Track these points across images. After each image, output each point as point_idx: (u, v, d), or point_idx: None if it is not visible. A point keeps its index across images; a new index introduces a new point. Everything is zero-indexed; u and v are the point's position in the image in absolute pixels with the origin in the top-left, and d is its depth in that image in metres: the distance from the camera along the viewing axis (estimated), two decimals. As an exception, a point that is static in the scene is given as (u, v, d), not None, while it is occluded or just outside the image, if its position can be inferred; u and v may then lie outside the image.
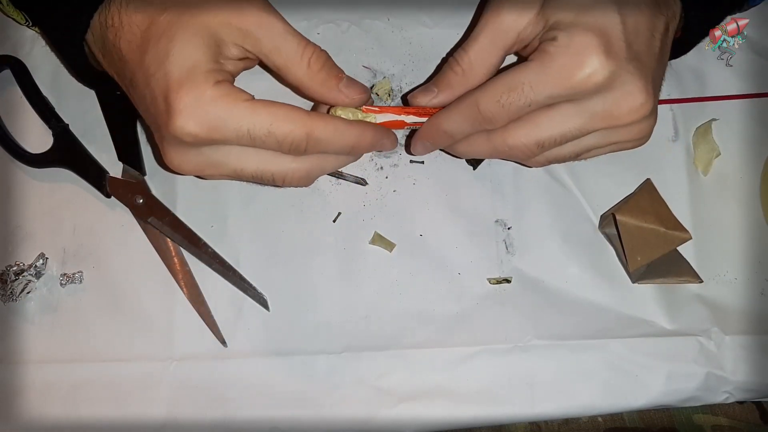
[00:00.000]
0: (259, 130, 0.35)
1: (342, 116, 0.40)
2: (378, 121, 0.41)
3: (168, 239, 0.47)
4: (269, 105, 0.36)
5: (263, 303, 0.46)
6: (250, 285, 0.46)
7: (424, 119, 0.42)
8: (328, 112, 0.40)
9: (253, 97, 0.36)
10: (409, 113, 0.42)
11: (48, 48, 0.49)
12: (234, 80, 0.38)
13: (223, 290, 0.47)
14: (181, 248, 0.47)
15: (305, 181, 0.39)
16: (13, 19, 0.45)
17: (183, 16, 0.36)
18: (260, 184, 0.41)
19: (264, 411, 0.45)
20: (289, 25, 0.37)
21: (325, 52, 0.38)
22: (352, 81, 0.39)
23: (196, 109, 0.34)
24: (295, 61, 0.37)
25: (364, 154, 0.48)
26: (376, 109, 0.41)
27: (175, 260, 0.47)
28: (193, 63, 0.35)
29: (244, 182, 0.47)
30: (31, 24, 0.45)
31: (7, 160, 0.48)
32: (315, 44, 0.38)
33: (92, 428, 0.45)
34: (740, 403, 0.48)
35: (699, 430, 0.48)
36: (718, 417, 0.48)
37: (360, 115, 0.41)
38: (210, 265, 0.46)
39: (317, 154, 0.38)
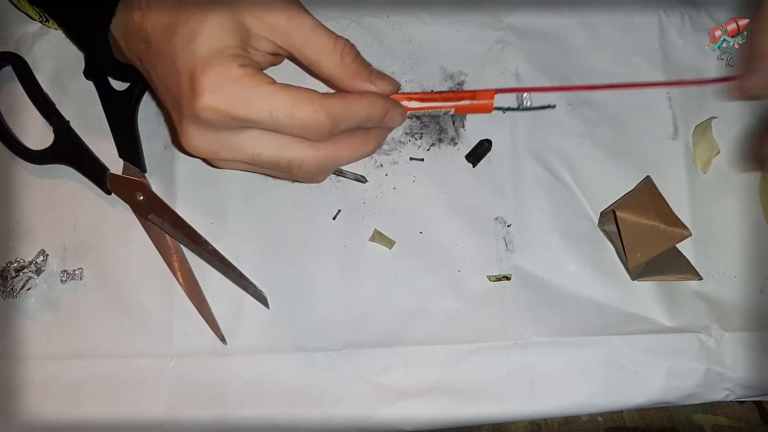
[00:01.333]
0: (281, 111, 0.35)
1: None
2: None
3: (168, 236, 0.47)
4: (291, 88, 0.36)
5: (263, 300, 0.46)
6: (250, 282, 0.46)
7: (447, 104, 0.41)
8: None
9: (275, 81, 0.36)
10: (436, 98, 0.42)
11: (50, 45, 0.49)
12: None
13: (223, 288, 0.47)
14: (181, 245, 0.47)
15: (320, 169, 0.39)
16: (26, 13, 0.46)
17: (215, 3, 0.36)
18: (273, 175, 0.40)
19: (263, 408, 0.45)
20: (318, 20, 0.38)
21: (353, 44, 0.39)
22: (381, 73, 0.40)
23: (220, 87, 0.34)
24: (328, 54, 0.37)
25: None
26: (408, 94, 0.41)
27: (175, 257, 0.47)
28: (222, 45, 0.35)
29: (250, 176, 0.48)
30: (45, 20, 0.45)
31: (8, 157, 0.48)
32: (344, 38, 0.38)
33: (92, 424, 0.45)
34: (740, 402, 0.48)
35: (699, 429, 0.48)
36: (718, 417, 0.48)
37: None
38: (210, 263, 0.47)
39: (334, 141, 0.38)
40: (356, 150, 0.40)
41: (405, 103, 0.41)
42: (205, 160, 0.42)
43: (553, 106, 0.47)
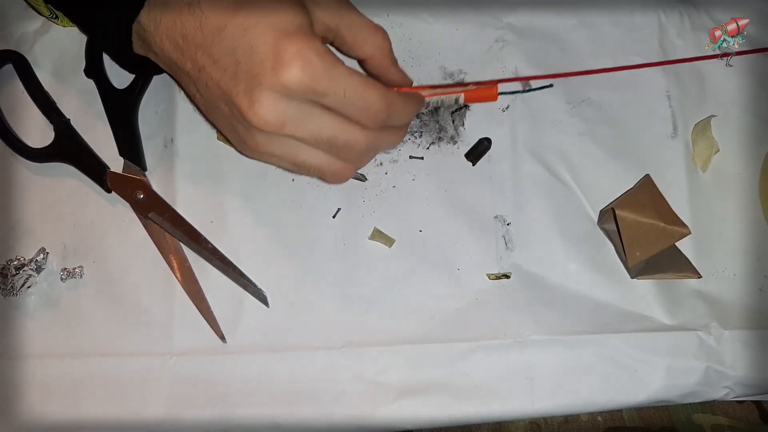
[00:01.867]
0: (354, 91, 0.37)
1: None
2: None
3: (168, 235, 0.47)
4: (361, 73, 0.38)
5: (263, 299, 0.46)
6: (250, 281, 0.46)
7: (456, 89, 0.45)
8: None
9: None
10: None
11: (50, 43, 0.49)
12: None
13: (222, 287, 0.47)
14: (181, 244, 0.47)
15: (365, 155, 0.41)
16: (35, 9, 0.46)
17: None
18: (302, 170, 0.41)
19: (263, 407, 0.45)
20: None
21: None
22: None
23: (309, 58, 0.35)
24: (372, 37, 0.41)
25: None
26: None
27: (175, 256, 0.47)
28: (301, 21, 0.37)
29: (250, 175, 0.48)
30: (54, 16, 0.45)
31: (8, 155, 0.48)
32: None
33: (92, 422, 0.45)
34: (740, 402, 0.48)
35: (699, 429, 0.48)
36: (718, 416, 0.48)
37: None
38: (210, 261, 0.47)
39: (380, 129, 0.40)
40: (392, 141, 0.42)
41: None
42: (242, 153, 0.42)
43: (551, 85, 0.49)
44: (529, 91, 0.48)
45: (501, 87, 0.46)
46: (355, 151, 0.39)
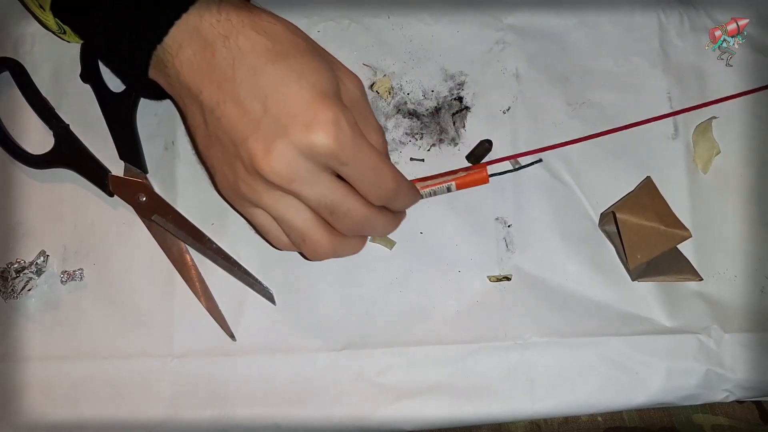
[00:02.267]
0: (369, 166, 0.37)
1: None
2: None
3: (172, 236, 0.47)
4: (378, 150, 0.38)
5: (269, 297, 0.46)
6: (256, 279, 0.46)
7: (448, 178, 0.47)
8: None
9: None
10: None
11: (48, 47, 0.49)
12: None
13: (223, 287, 0.47)
14: (185, 245, 0.47)
15: (356, 229, 0.40)
16: (44, 24, 0.45)
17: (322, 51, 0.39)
18: (281, 242, 0.41)
19: (264, 408, 0.45)
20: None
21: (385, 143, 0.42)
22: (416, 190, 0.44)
23: (341, 126, 0.35)
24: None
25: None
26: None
27: (181, 257, 0.47)
28: (336, 88, 0.37)
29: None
30: (62, 31, 0.45)
31: (8, 160, 0.48)
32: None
33: (93, 425, 0.45)
34: (740, 402, 0.48)
35: (699, 429, 0.48)
36: (718, 417, 0.48)
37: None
38: (215, 261, 0.47)
39: (379, 209, 0.40)
40: (383, 226, 0.42)
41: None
42: (223, 193, 0.41)
43: (540, 161, 0.49)
44: (518, 169, 0.48)
45: (491, 168, 0.47)
46: (351, 222, 0.39)
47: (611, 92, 0.50)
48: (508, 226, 0.48)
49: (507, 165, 0.49)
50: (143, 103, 0.49)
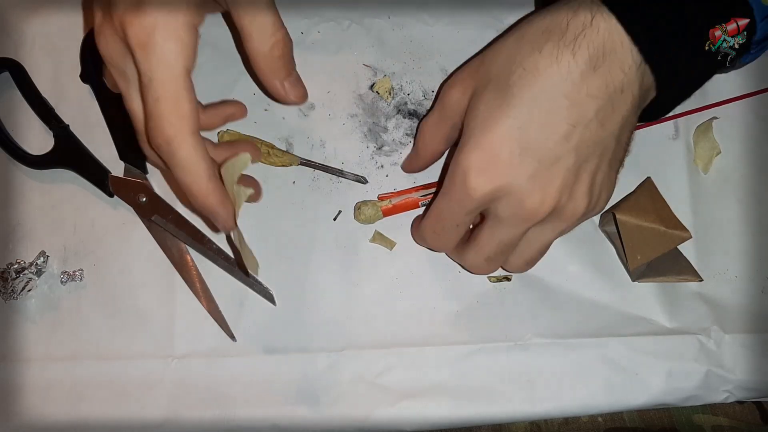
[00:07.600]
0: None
1: (362, 209, 0.46)
2: (393, 203, 0.47)
3: (172, 236, 0.47)
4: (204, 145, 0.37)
5: (269, 297, 0.46)
6: (256, 279, 0.46)
7: (432, 190, 0.47)
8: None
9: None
10: (418, 190, 0.47)
11: (48, 48, 0.49)
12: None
13: (223, 288, 0.47)
14: (186, 245, 0.47)
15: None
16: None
17: None
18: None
19: (264, 408, 0.45)
20: (273, 3, 0.38)
21: (291, 42, 0.39)
22: (298, 81, 0.41)
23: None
24: (263, 37, 0.38)
25: (366, 153, 0.49)
26: (391, 193, 0.47)
27: (182, 257, 0.47)
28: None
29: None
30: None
31: (8, 160, 0.48)
32: (286, 30, 0.39)
33: (93, 426, 0.45)
34: (740, 403, 0.48)
35: (699, 430, 0.48)
36: (719, 417, 0.48)
37: (379, 204, 0.46)
38: (215, 261, 0.47)
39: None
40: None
41: (394, 200, 0.47)
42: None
43: None
44: None
45: None
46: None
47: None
48: (509, 227, 0.48)
49: None
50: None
